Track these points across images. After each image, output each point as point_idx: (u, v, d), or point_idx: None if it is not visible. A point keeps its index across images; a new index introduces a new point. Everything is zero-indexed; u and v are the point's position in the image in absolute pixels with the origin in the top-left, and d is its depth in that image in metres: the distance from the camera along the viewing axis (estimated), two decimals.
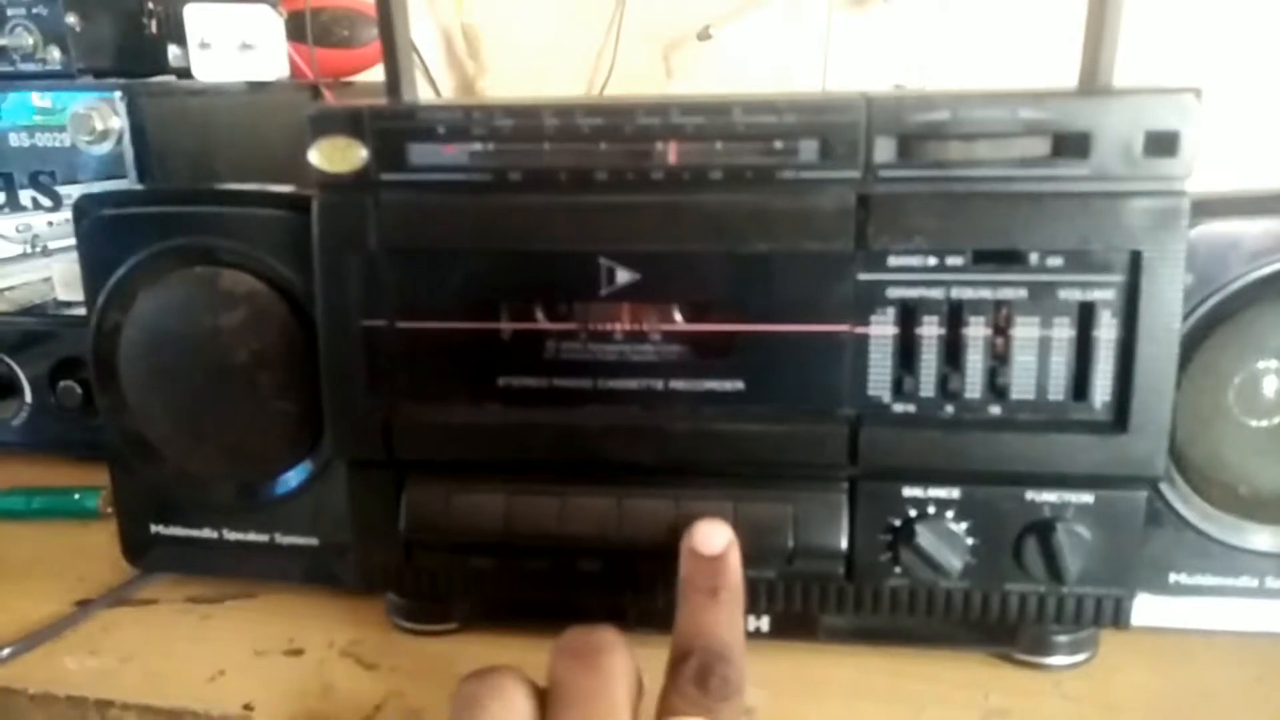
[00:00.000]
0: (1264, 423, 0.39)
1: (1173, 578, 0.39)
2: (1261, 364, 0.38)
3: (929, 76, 0.77)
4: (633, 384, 0.37)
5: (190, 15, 0.67)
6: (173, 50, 0.69)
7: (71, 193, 0.73)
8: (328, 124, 0.36)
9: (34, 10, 0.62)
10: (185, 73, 0.69)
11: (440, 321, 0.37)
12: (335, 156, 0.36)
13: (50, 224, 0.67)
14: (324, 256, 0.37)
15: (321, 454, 0.42)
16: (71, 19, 0.63)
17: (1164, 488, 0.38)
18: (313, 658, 0.42)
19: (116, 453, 0.45)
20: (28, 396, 0.59)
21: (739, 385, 0.36)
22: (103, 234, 0.43)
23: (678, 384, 0.37)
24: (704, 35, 0.79)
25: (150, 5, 0.68)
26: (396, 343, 0.37)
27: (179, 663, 0.41)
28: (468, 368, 0.37)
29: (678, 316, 0.37)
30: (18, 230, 0.67)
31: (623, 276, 0.35)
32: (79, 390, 0.57)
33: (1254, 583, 0.39)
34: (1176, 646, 0.40)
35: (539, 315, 0.37)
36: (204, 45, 0.68)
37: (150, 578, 0.47)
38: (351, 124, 0.36)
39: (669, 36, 0.84)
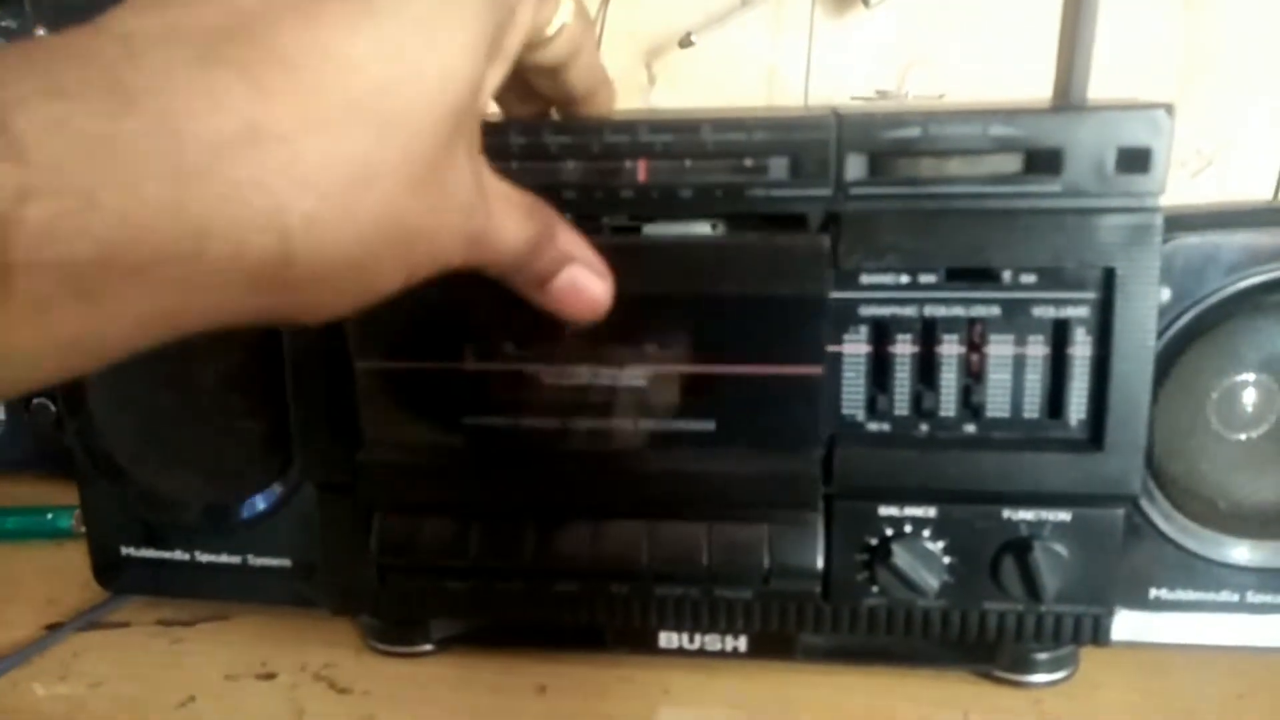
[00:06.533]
0: (1242, 436, 0.38)
1: (1153, 593, 0.39)
2: (1240, 377, 0.38)
3: (913, 82, 0.77)
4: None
5: None
6: None
7: None
8: None
9: (2, 24, 0.61)
10: None
11: (404, 360, 0.36)
12: None
13: None
14: None
15: (293, 475, 0.42)
16: (41, 33, 0.63)
17: (1144, 503, 0.38)
18: (285, 681, 0.41)
19: (86, 475, 0.45)
20: (1, 414, 0.59)
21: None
22: None
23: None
24: (685, 42, 0.79)
25: None
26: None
27: (149, 689, 0.41)
28: (432, 402, 0.37)
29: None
30: None
31: None
32: (52, 407, 0.56)
33: (1235, 597, 0.39)
34: (1158, 662, 0.40)
35: (504, 352, 0.36)
36: None
37: (122, 600, 0.47)
38: None
39: (651, 43, 0.83)
